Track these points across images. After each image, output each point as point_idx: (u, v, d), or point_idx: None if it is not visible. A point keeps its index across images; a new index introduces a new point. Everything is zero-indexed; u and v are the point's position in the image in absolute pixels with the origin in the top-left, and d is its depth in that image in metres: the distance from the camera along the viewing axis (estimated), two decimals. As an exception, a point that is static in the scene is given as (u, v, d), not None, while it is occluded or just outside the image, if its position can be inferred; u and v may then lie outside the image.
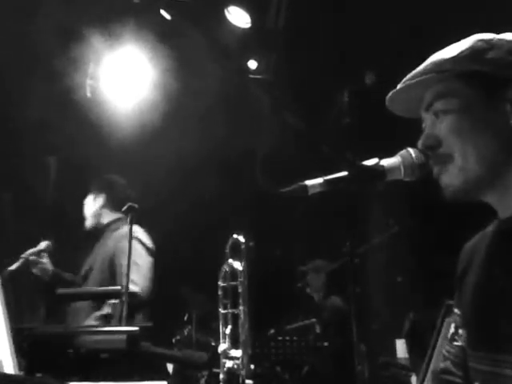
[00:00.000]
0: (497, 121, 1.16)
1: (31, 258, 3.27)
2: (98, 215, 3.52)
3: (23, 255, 3.25)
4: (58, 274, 3.39)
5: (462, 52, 1.19)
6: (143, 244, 3.27)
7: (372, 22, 3.88)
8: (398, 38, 3.86)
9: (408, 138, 1.31)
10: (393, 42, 3.88)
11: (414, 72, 1.25)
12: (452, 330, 1.33)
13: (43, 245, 3.33)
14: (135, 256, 3.09)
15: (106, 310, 3.01)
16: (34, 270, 3.31)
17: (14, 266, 3.13)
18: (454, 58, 1.20)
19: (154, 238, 3.49)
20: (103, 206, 3.52)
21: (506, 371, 1.10)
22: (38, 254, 3.31)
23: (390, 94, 1.27)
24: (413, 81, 1.23)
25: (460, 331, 1.30)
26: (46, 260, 3.33)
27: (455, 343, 1.31)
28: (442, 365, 1.33)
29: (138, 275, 3.10)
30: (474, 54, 1.19)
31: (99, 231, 3.52)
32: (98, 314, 3.06)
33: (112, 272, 3.21)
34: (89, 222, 3.54)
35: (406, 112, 1.31)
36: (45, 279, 3.34)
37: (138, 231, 3.31)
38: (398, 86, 1.26)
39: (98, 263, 3.34)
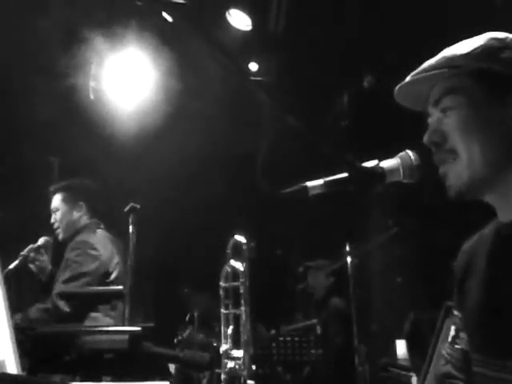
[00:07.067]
0: (503, 122, 1.15)
1: (31, 254, 3.17)
2: (74, 225, 3.29)
3: (22, 252, 3.16)
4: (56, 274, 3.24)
5: (475, 49, 1.18)
6: (86, 252, 3.10)
7: (371, 25, 3.90)
8: (398, 40, 3.86)
9: (408, 139, 1.31)
10: (392, 45, 3.89)
11: (424, 65, 1.24)
12: (453, 332, 1.32)
13: (42, 240, 3.22)
14: (81, 267, 3.02)
15: (49, 303, 2.92)
16: (32, 267, 3.19)
17: (13, 265, 3.06)
18: (466, 55, 1.18)
19: (155, 238, 3.47)
20: (82, 216, 3.32)
21: None
22: (37, 250, 3.20)
23: (398, 86, 1.26)
24: (423, 74, 1.21)
25: (461, 334, 1.29)
26: (44, 257, 3.23)
27: (456, 346, 1.30)
28: (443, 368, 1.32)
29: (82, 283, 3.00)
30: (486, 52, 1.17)
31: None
32: (40, 306, 2.95)
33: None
34: (65, 234, 3.29)
35: (414, 105, 1.30)
36: (41, 279, 3.23)
37: (83, 240, 3.16)
38: (408, 78, 1.24)
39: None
